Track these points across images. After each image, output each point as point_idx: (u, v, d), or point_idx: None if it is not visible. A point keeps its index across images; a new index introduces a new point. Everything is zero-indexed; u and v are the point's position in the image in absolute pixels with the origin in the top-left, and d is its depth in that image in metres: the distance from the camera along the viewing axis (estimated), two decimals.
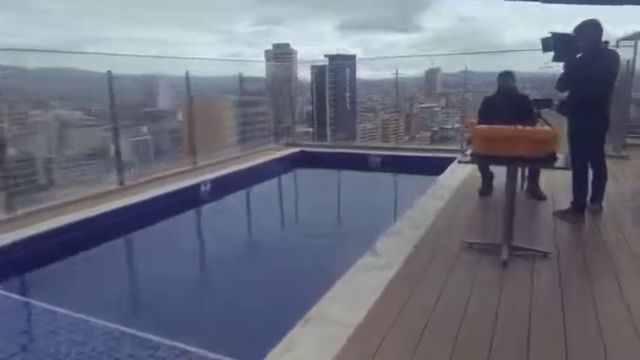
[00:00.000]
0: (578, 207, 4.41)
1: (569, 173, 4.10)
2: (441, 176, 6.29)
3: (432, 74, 33.31)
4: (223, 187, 6.85)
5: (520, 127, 3.46)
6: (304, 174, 8.80)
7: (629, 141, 7.58)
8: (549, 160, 3.30)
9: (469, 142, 3.59)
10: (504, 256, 3.49)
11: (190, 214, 6.65)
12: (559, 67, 4.53)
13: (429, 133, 35.78)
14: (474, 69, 8.61)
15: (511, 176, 3.54)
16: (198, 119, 8.22)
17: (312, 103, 32.19)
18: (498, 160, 3.42)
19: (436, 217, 4.49)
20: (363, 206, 6.40)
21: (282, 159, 8.59)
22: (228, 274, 4.55)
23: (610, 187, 4.54)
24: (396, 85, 8.50)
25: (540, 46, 4.51)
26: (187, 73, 7.58)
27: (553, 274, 3.34)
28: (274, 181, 8.31)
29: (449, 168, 6.70)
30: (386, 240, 3.95)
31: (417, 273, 3.35)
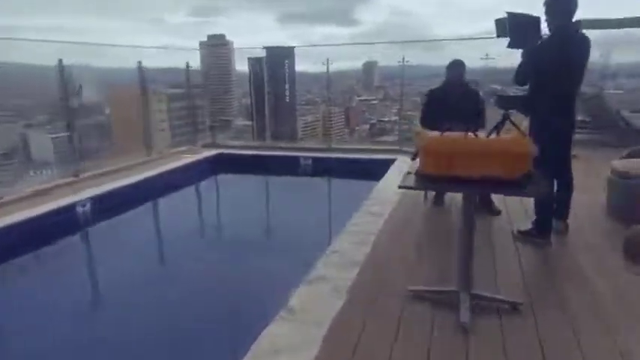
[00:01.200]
0: (544, 229, 3.48)
1: None
2: (380, 183, 5.25)
3: (369, 67, 32.68)
4: (111, 206, 5.15)
5: (480, 133, 2.43)
6: (223, 182, 7.24)
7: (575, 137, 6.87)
8: (524, 183, 2.27)
9: (415, 155, 2.52)
10: (464, 317, 2.45)
11: (55, 249, 4.56)
12: (506, 59, 3.60)
13: (367, 126, 35.29)
14: (412, 62, 7.66)
15: (469, 205, 2.50)
16: (89, 116, 6.67)
17: (250, 96, 30.66)
18: (456, 185, 2.37)
19: (372, 248, 3.41)
20: (287, 227, 5.08)
21: (196, 164, 6.94)
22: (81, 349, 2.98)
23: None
24: (328, 76, 7.34)
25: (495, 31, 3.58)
26: (60, 61, 5.99)
27: (531, 339, 2.34)
28: (182, 193, 6.48)
29: (389, 172, 5.70)
30: (306, 290, 2.81)
31: (346, 348, 2.25)
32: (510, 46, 3.47)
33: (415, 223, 3.95)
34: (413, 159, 2.50)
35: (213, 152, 7.41)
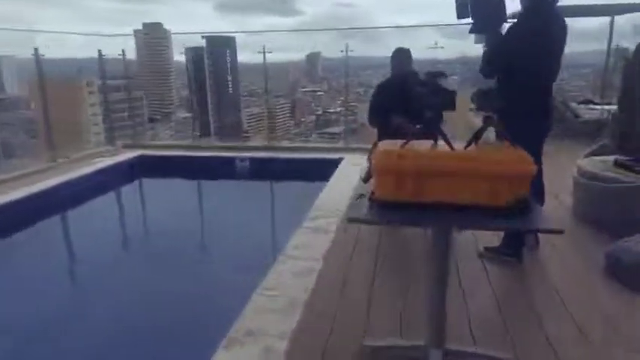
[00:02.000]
0: (515, 246, 2.90)
1: None
2: (326, 188, 4.52)
3: (313, 58, 32.04)
4: None
5: (457, 144, 1.76)
6: (144, 189, 6.04)
7: None
8: (522, 212, 1.63)
9: (368, 176, 1.81)
10: None
11: None
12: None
13: (313, 117, 34.63)
14: (355, 53, 7.05)
15: (442, 242, 1.82)
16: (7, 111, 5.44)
17: (191, 87, 28.99)
18: (426, 216, 1.68)
19: (317, 282, 2.69)
20: (216, 250, 4.03)
21: (113, 168, 5.67)
22: None
23: None
24: (265, 66, 6.44)
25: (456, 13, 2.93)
26: None
27: None
28: (91, 205, 5.10)
29: (335, 174, 4.99)
30: (226, 357, 2.05)
31: None
32: (473, 30, 2.85)
33: (367, 243, 3.24)
34: (365, 180, 1.79)
35: (134, 154, 6.20)
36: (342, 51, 6.50)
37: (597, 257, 2.85)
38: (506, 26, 2.79)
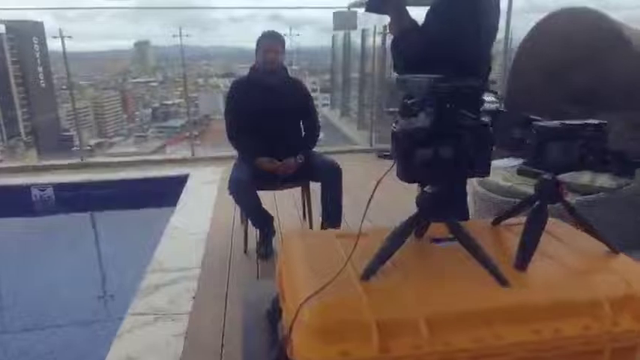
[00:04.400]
0: None
1: None
2: (166, 231, 2.98)
3: (142, 46, 28.74)
4: None
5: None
6: None
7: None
8: None
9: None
10: None
11: None
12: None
13: (149, 110, 31.27)
14: (191, 43, 5.86)
15: None
16: None
17: None
18: None
19: None
20: None
21: None
22: None
23: None
24: (64, 54, 4.51)
25: None
26: None
27: None
28: None
29: (179, 204, 3.50)
30: None
31: None
32: (370, 7, 1.87)
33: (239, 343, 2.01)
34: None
35: None
36: (174, 35, 5.08)
37: None
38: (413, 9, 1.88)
